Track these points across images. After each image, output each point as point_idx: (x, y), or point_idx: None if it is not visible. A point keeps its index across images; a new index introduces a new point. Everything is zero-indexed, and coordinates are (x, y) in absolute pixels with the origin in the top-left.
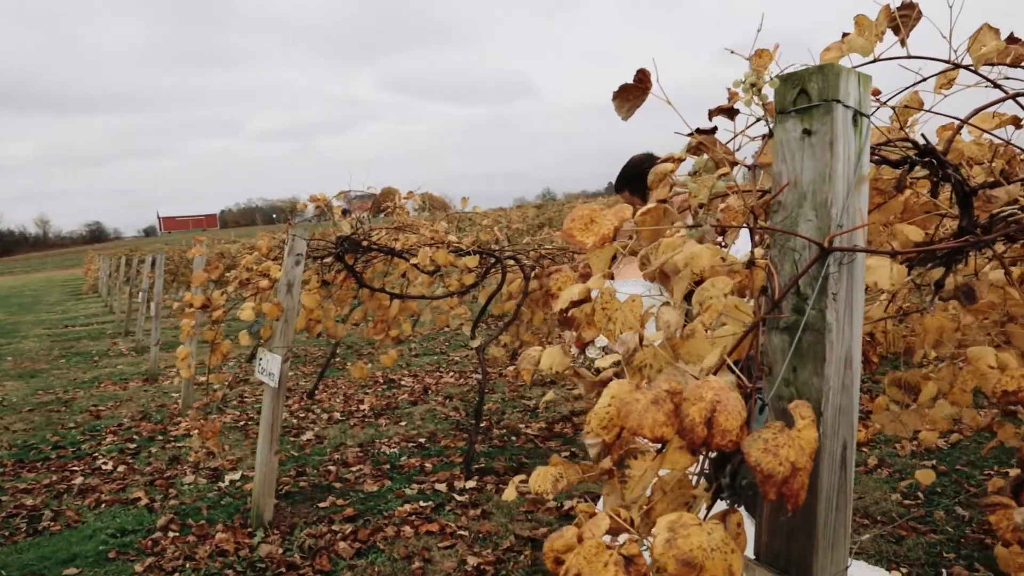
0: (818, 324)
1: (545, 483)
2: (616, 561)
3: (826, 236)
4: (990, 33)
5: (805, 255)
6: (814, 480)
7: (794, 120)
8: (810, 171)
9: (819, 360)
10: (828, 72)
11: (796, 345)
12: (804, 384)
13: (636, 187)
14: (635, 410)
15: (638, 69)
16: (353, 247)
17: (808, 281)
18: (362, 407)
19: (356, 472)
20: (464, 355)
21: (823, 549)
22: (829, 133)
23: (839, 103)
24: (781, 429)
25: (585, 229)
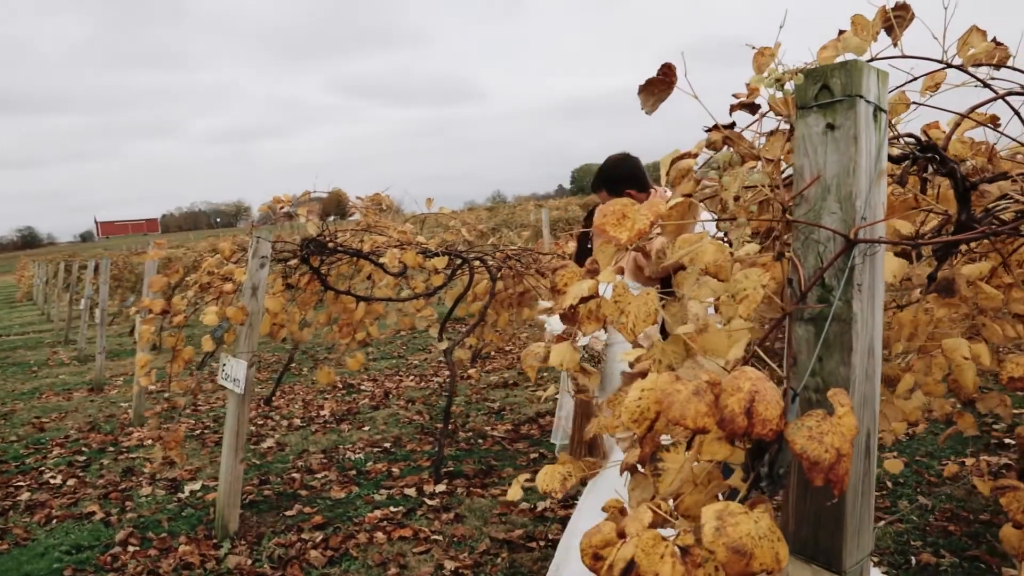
0: (844, 315)
1: (553, 482)
2: (672, 552)
3: (851, 228)
4: (978, 35)
5: (830, 247)
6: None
7: (816, 115)
8: (834, 165)
9: (846, 350)
10: (851, 68)
11: (823, 336)
12: (831, 374)
13: (614, 187)
14: (678, 401)
15: (663, 63)
16: (319, 249)
17: (833, 273)
18: (322, 413)
19: (322, 479)
20: (423, 358)
21: (851, 535)
22: (853, 128)
23: (862, 98)
24: (824, 417)
25: (618, 224)
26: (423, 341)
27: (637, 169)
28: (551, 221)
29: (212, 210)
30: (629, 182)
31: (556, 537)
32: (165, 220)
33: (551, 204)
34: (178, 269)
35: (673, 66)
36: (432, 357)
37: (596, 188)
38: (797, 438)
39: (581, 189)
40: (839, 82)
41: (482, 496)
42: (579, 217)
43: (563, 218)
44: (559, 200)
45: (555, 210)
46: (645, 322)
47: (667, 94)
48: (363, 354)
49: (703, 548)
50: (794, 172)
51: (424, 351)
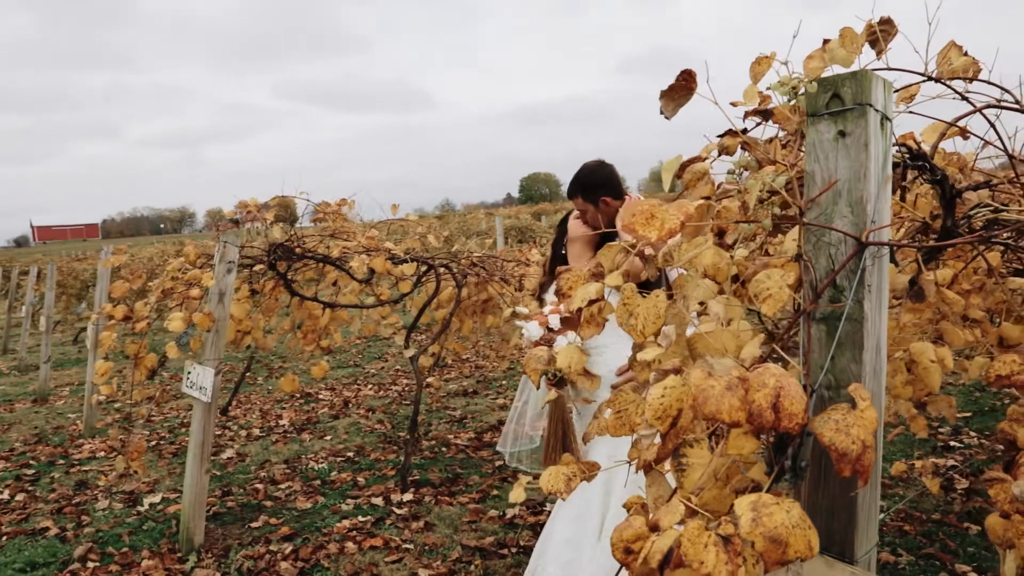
0: (856, 314)
1: (558, 483)
2: (715, 542)
3: (862, 231)
4: (956, 50)
5: (842, 249)
6: None
7: (827, 122)
8: (845, 170)
9: (857, 348)
10: (861, 78)
11: (837, 334)
12: (842, 371)
13: (590, 193)
14: (713, 396)
15: (683, 70)
16: (286, 255)
17: (845, 274)
18: (281, 422)
19: (286, 489)
20: (380, 367)
21: (862, 525)
22: (864, 135)
23: (871, 107)
24: (848, 410)
25: (647, 224)
26: (379, 349)
27: (612, 176)
28: (504, 229)
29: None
30: (605, 189)
31: (528, 544)
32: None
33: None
34: (140, 274)
35: (693, 72)
36: (389, 366)
37: (572, 194)
38: (825, 431)
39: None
40: (850, 91)
41: (450, 504)
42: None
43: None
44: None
45: (507, 218)
46: (655, 324)
47: (687, 99)
48: (327, 362)
49: (741, 538)
50: (805, 177)
51: (380, 359)
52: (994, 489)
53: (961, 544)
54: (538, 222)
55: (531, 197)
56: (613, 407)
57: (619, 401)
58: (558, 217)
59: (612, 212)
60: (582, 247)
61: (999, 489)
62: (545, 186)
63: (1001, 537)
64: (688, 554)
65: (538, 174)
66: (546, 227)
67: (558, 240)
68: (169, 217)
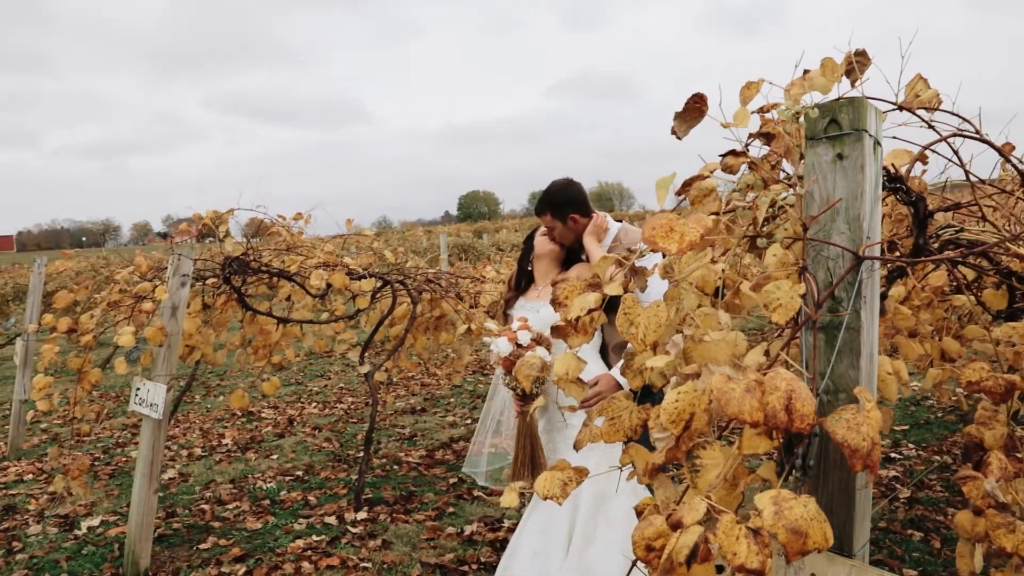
0: (854, 323)
1: (554, 488)
2: (746, 534)
3: (859, 247)
4: (923, 83)
5: (840, 263)
6: None
7: (825, 145)
8: (842, 190)
9: (855, 355)
10: (858, 105)
11: (838, 342)
12: (841, 376)
13: (559, 210)
14: (734, 398)
15: (694, 93)
16: (242, 268)
17: (844, 286)
18: (224, 441)
19: (234, 509)
20: (323, 384)
21: (859, 521)
22: (860, 158)
23: (866, 132)
24: (858, 410)
25: (666, 236)
26: (320, 368)
27: (581, 194)
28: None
29: (77, 228)
30: (573, 206)
31: (488, 560)
32: (21, 238)
33: (441, 230)
34: (86, 285)
35: (704, 95)
36: (332, 384)
37: (541, 211)
38: (838, 429)
39: (468, 216)
40: (847, 117)
41: (407, 522)
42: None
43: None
44: (448, 227)
45: (449, 236)
46: (655, 332)
47: (698, 121)
48: (278, 378)
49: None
50: (804, 195)
51: (322, 377)
52: (967, 486)
53: (906, 550)
54: (480, 240)
55: (470, 215)
56: (606, 414)
57: (612, 408)
58: (499, 236)
59: (580, 229)
60: (549, 263)
61: (972, 486)
62: (484, 204)
63: (970, 532)
64: (724, 546)
65: (477, 192)
66: (487, 245)
67: (524, 256)
68: (92, 230)
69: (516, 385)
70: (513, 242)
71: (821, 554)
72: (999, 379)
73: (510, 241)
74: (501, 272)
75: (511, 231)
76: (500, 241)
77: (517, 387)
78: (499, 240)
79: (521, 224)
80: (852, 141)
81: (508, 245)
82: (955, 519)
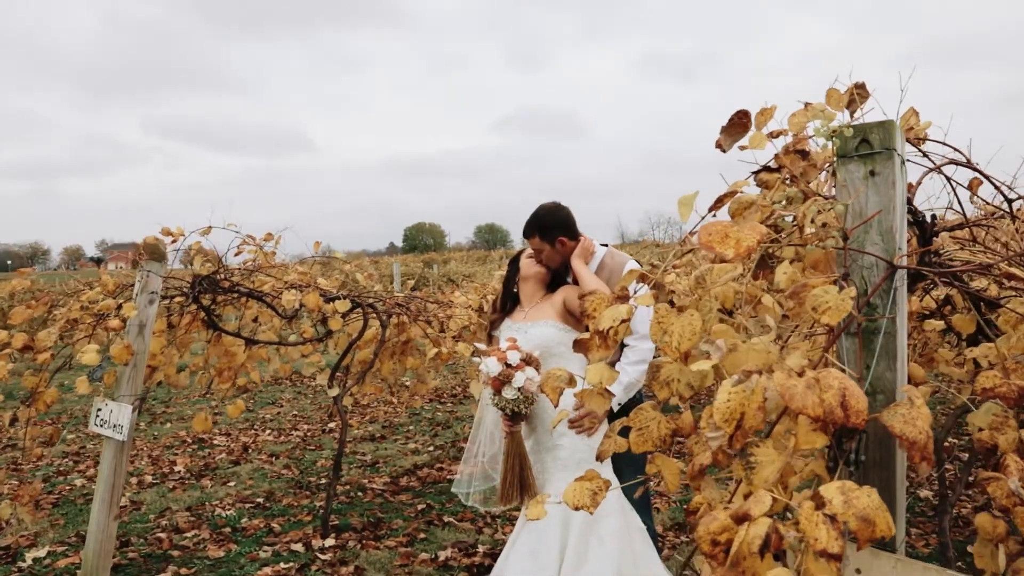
0: (890, 328)
1: (583, 497)
2: (824, 521)
3: (892, 257)
4: (915, 115)
5: (875, 272)
6: (893, 455)
7: (857, 163)
8: (875, 204)
9: (891, 358)
10: (888, 127)
11: (876, 346)
12: (879, 378)
13: (547, 233)
14: (798, 393)
15: (738, 110)
16: (212, 287)
17: (879, 293)
18: (176, 468)
19: (193, 537)
20: (276, 412)
21: (899, 515)
22: (892, 174)
23: (895, 151)
24: (911, 406)
25: (722, 242)
26: (271, 395)
27: (569, 217)
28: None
29: (3, 251)
30: (561, 229)
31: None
32: None
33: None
34: (46, 301)
35: (748, 111)
36: (284, 411)
37: (529, 234)
38: (895, 423)
39: (414, 247)
40: (878, 137)
41: (377, 548)
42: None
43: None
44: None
45: (400, 266)
46: (690, 340)
47: (742, 135)
48: (243, 401)
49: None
50: (838, 208)
51: (274, 404)
52: (992, 487)
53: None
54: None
55: (415, 247)
56: (634, 425)
57: (640, 419)
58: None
59: (567, 252)
60: (535, 285)
61: (996, 487)
62: (430, 236)
63: (991, 533)
64: (807, 531)
65: (423, 224)
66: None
67: (509, 278)
68: (19, 253)
69: (505, 405)
70: (464, 272)
71: (864, 549)
72: (1012, 386)
73: (460, 272)
74: (469, 297)
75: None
76: (451, 272)
77: (507, 407)
78: (449, 271)
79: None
80: (883, 159)
81: (459, 276)
82: (976, 521)
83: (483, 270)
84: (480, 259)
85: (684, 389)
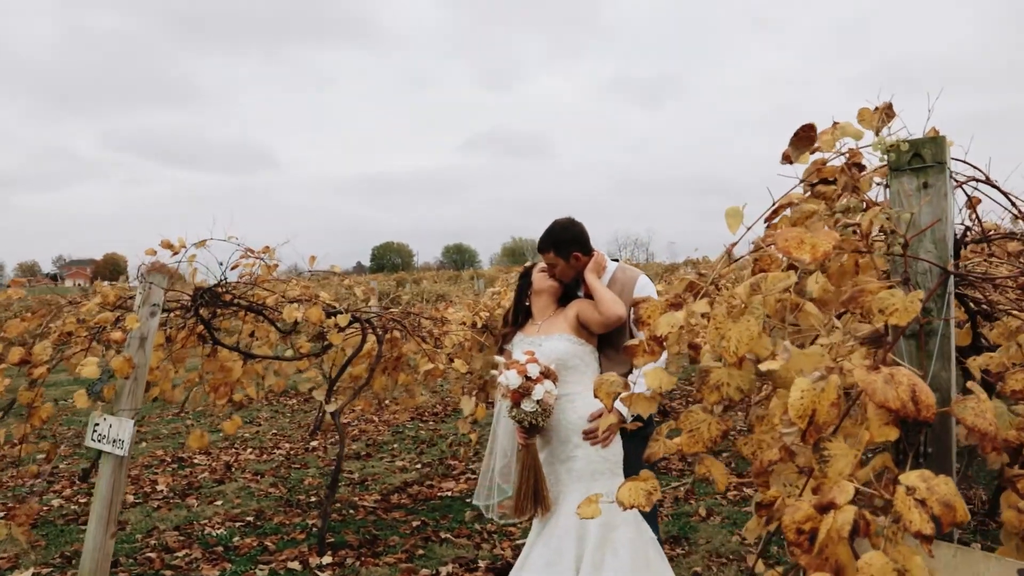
0: (945, 331)
1: (638, 496)
2: (915, 505)
3: (945, 264)
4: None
5: (928, 278)
6: (949, 450)
7: (910, 176)
8: (928, 215)
9: (946, 358)
10: (939, 142)
11: (935, 347)
12: (935, 377)
13: (562, 248)
14: (879, 388)
15: (804, 124)
16: (213, 300)
17: (933, 298)
18: (158, 488)
19: (184, 557)
20: (254, 430)
21: None
22: (944, 187)
23: (945, 165)
24: (979, 400)
25: (798, 247)
26: (249, 414)
27: (583, 233)
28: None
29: None
30: (576, 244)
31: None
32: None
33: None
34: (42, 313)
35: (814, 125)
36: (263, 430)
37: (544, 249)
38: (967, 415)
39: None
40: (930, 152)
41: (377, 565)
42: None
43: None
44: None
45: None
46: (747, 346)
47: (809, 147)
48: (240, 417)
49: None
50: (892, 219)
51: (252, 423)
52: (1022, 484)
53: None
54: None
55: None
56: (684, 427)
57: (690, 421)
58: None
59: (581, 267)
60: (548, 299)
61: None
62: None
63: (1018, 528)
64: (904, 514)
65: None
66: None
67: (521, 292)
68: None
69: (524, 417)
70: (438, 292)
71: None
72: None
73: (434, 291)
74: (461, 314)
75: (431, 282)
76: (424, 291)
77: (524, 419)
78: (423, 291)
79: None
80: (936, 172)
81: (432, 295)
82: (1003, 516)
83: (455, 289)
84: (451, 279)
85: (734, 392)
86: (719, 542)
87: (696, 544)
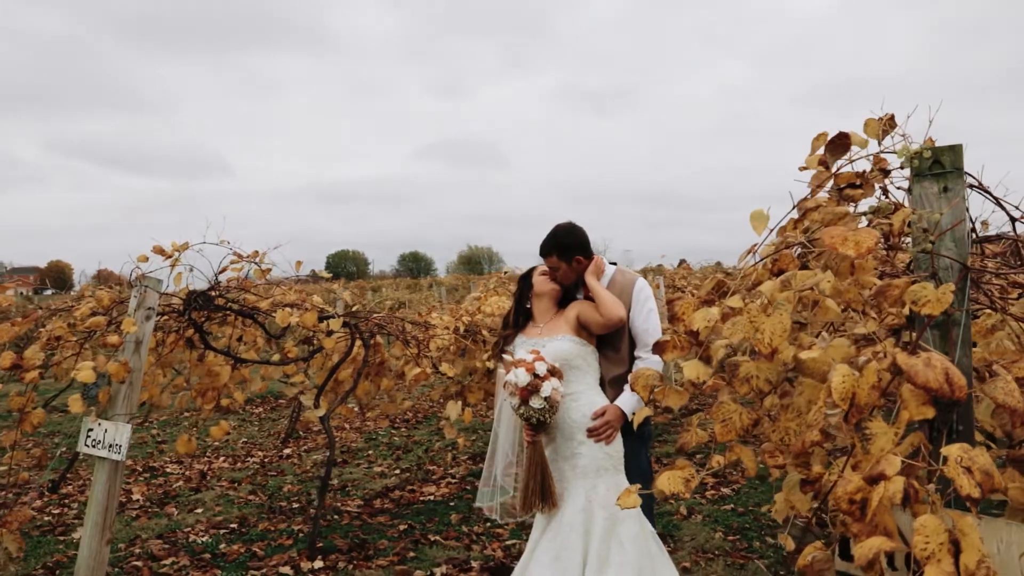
0: (965, 321)
1: (677, 484)
2: (964, 472)
3: (966, 260)
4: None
5: (950, 273)
6: (971, 427)
7: (930, 181)
8: (948, 217)
9: (967, 345)
10: (957, 150)
11: (958, 336)
12: (959, 362)
13: (564, 252)
14: (920, 370)
15: (839, 132)
16: (206, 304)
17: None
18: (134, 497)
19: (172, 565)
20: (225, 439)
21: None
22: (962, 190)
23: (962, 171)
24: (1007, 381)
25: (843, 244)
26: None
27: (584, 238)
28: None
29: None
30: (578, 248)
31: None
32: None
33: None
34: (33, 318)
35: (848, 133)
36: (233, 438)
37: (547, 253)
38: (998, 394)
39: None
40: (949, 159)
41: (369, 568)
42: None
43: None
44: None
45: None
46: (781, 338)
47: (843, 153)
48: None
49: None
50: (914, 220)
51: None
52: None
53: None
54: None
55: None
56: (716, 418)
57: (722, 412)
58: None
59: (582, 270)
60: (549, 301)
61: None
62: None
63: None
64: (954, 478)
65: (346, 251)
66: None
67: (522, 295)
68: None
69: (531, 415)
70: (400, 299)
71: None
72: None
73: (394, 298)
74: (444, 319)
75: (392, 290)
76: (386, 299)
77: (532, 416)
78: (384, 298)
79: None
80: (955, 177)
81: (395, 303)
82: (1009, 494)
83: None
84: (410, 286)
85: (763, 384)
86: (703, 539)
87: (681, 541)
